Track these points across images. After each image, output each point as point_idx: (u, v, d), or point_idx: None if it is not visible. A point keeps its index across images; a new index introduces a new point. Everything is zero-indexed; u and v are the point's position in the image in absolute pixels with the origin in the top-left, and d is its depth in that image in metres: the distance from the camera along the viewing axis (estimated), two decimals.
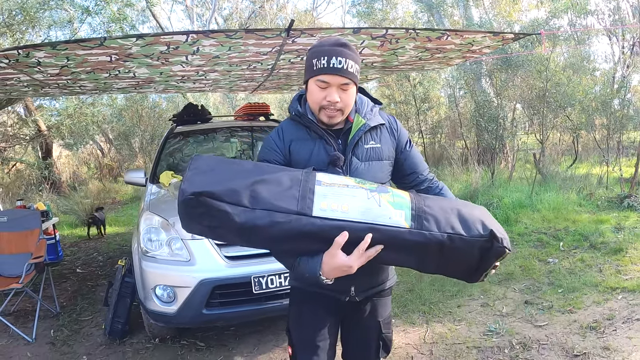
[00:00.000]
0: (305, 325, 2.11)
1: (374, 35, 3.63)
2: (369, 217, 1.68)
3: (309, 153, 1.97)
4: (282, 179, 1.71)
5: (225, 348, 4.05)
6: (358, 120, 2.00)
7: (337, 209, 1.67)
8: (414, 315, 4.37)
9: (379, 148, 2.03)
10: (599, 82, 10.92)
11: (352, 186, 1.73)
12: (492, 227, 1.74)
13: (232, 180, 1.67)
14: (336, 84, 1.88)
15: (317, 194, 1.68)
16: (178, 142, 5.85)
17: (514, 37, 4.11)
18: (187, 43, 3.37)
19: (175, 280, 3.55)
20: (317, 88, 1.90)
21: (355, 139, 1.98)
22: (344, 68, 1.86)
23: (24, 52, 3.14)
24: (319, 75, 1.87)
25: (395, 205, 1.72)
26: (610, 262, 5.20)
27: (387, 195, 1.73)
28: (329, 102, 1.89)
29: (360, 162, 1.98)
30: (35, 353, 4.13)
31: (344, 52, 1.88)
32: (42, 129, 12.24)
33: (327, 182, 1.73)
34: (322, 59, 1.86)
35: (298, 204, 1.66)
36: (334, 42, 1.91)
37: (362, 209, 1.68)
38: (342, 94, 1.90)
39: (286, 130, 2.04)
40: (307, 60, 1.95)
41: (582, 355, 3.46)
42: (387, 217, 1.69)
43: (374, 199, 1.70)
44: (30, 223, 5.00)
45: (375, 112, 2.08)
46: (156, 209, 4.07)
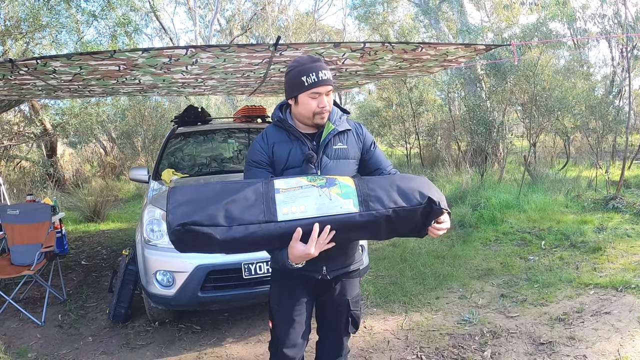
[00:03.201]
0: (284, 301, 2.44)
1: (353, 49, 3.96)
2: (323, 211, 2.02)
3: (288, 152, 2.33)
4: (247, 194, 2.03)
5: (219, 331, 4.37)
6: (329, 125, 2.38)
7: (296, 210, 2.01)
8: (395, 305, 4.64)
9: (345, 149, 2.41)
10: (591, 86, 11.15)
11: (305, 186, 2.06)
12: (429, 194, 2.08)
13: (207, 206, 2.00)
14: (325, 91, 2.26)
15: (278, 202, 2.02)
16: (179, 142, 6.13)
17: (485, 48, 4.40)
18: (186, 56, 3.71)
19: (174, 266, 3.88)
20: (310, 99, 2.26)
21: (326, 141, 2.36)
22: (329, 78, 2.26)
23: (42, 62, 3.47)
24: (312, 88, 2.24)
25: (344, 195, 2.06)
26: (588, 260, 5.42)
27: (335, 187, 2.07)
28: (322, 108, 2.27)
29: (330, 160, 2.36)
30: (44, 334, 4.45)
31: (323, 65, 2.26)
32: (47, 127, 12.51)
33: (284, 187, 2.06)
34: (312, 75, 2.22)
35: (264, 214, 2.00)
36: (311, 59, 2.28)
37: (316, 206, 2.02)
38: (327, 99, 2.29)
39: (270, 134, 2.40)
40: (293, 79, 2.29)
41: (547, 343, 3.67)
42: (338, 207, 2.03)
43: (325, 194, 2.05)
44: (40, 216, 5.31)
45: (344, 120, 2.46)
46: (158, 202, 4.40)
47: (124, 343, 4.21)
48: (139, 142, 15.51)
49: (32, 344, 4.27)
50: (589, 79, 12.45)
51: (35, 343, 4.30)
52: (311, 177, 2.12)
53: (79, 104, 12.43)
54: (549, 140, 13.50)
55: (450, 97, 14.05)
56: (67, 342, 4.29)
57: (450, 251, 6.17)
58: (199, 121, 6.53)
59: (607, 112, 9.79)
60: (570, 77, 11.57)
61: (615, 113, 10.20)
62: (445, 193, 8.99)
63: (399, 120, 14.25)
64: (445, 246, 6.44)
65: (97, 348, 4.15)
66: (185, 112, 6.52)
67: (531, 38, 9.63)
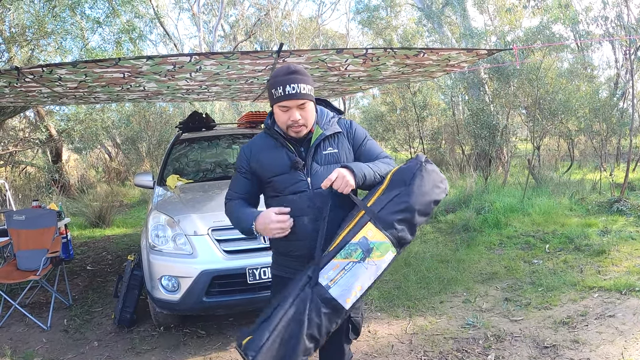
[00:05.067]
0: None
1: (355, 55, 3.99)
2: (375, 276, 2.18)
3: (274, 159, 2.38)
4: (312, 317, 2.13)
5: (224, 336, 4.39)
6: (317, 130, 2.40)
7: (356, 294, 2.15)
8: (399, 310, 4.65)
9: (336, 153, 2.41)
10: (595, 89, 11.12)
11: (349, 267, 2.14)
12: (440, 198, 2.28)
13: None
14: (294, 105, 2.26)
15: (338, 297, 2.14)
16: (184, 148, 6.18)
17: (487, 53, 4.42)
18: (190, 63, 3.75)
19: (179, 271, 3.91)
20: (280, 112, 2.30)
21: (314, 146, 2.37)
22: (298, 92, 2.24)
23: (47, 69, 3.51)
24: (279, 102, 2.26)
25: (383, 252, 2.16)
26: (592, 263, 5.39)
27: (373, 253, 2.15)
28: (293, 122, 2.28)
29: (320, 166, 2.37)
30: (50, 339, 4.48)
31: (295, 78, 2.25)
32: (52, 133, 12.57)
33: (332, 276, 2.15)
34: (279, 89, 2.24)
35: (336, 318, 2.18)
36: (286, 71, 2.28)
37: (369, 279, 2.17)
38: (301, 112, 2.29)
39: (256, 142, 2.48)
40: (268, 90, 2.34)
41: (551, 347, 3.66)
42: (384, 265, 2.19)
43: (370, 265, 2.15)
44: (46, 221, 5.34)
45: (333, 122, 2.46)
46: (163, 208, 4.44)
47: (129, 348, 4.23)
48: (144, 148, 15.56)
49: (38, 349, 4.30)
50: (592, 82, 12.43)
51: (41, 347, 4.32)
52: (346, 253, 2.16)
53: (84, 110, 12.50)
54: (553, 143, 13.46)
55: (454, 101, 14.07)
56: (73, 347, 4.31)
57: (455, 255, 6.16)
58: (204, 127, 6.57)
59: (611, 115, 9.79)
60: (573, 79, 11.57)
61: (619, 115, 10.18)
62: (449, 197, 9.04)
63: (403, 125, 14.26)
64: (450, 250, 6.44)
65: (103, 353, 4.18)
66: (190, 118, 6.57)
67: (534, 41, 9.62)
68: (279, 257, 2.51)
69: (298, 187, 2.35)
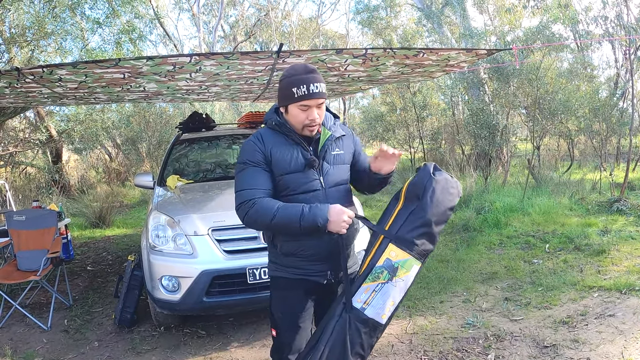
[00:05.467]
0: (290, 309, 2.46)
1: (355, 55, 4.00)
2: (405, 290, 2.27)
3: (290, 156, 2.33)
4: (352, 336, 2.26)
5: (224, 336, 4.39)
6: (325, 132, 2.40)
7: (390, 309, 2.26)
8: (399, 309, 4.63)
9: (342, 154, 2.46)
10: (595, 88, 11.12)
11: (378, 288, 2.23)
12: (455, 204, 2.33)
13: None
14: (315, 104, 2.26)
15: (374, 315, 2.24)
16: (184, 149, 6.19)
17: (487, 53, 4.43)
18: (190, 63, 3.75)
19: (179, 271, 3.91)
20: (299, 111, 2.27)
21: (325, 147, 2.38)
22: (320, 91, 2.24)
23: (48, 70, 3.51)
24: (301, 101, 2.23)
25: (407, 268, 2.23)
26: (592, 262, 5.39)
27: (399, 271, 2.23)
28: (312, 121, 2.28)
29: (330, 166, 2.39)
30: (50, 339, 4.49)
31: (316, 77, 2.25)
32: (53, 134, 12.58)
33: (364, 300, 2.25)
34: (302, 87, 2.21)
35: (375, 333, 2.31)
36: (305, 69, 2.26)
37: (399, 295, 2.25)
38: (319, 111, 2.29)
39: (265, 136, 2.38)
40: (284, 89, 2.28)
41: (551, 346, 3.66)
42: (411, 279, 2.27)
43: (398, 282, 2.23)
44: (47, 222, 5.34)
45: (337, 125, 2.49)
46: (163, 208, 4.44)
47: (129, 348, 4.24)
48: (144, 148, 15.55)
49: (38, 349, 4.30)
50: (592, 82, 12.43)
51: (42, 348, 4.33)
52: (374, 276, 2.24)
53: (84, 110, 12.51)
54: (553, 143, 13.46)
55: (454, 101, 14.07)
56: (73, 347, 4.32)
57: (455, 255, 6.17)
58: (204, 127, 6.57)
59: (611, 114, 9.79)
60: (573, 79, 11.57)
61: (619, 115, 10.18)
62: None
63: (403, 125, 14.25)
64: (450, 250, 6.45)
65: (103, 353, 4.18)
66: (190, 119, 6.58)
67: (534, 41, 9.63)
68: (284, 258, 2.42)
69: (311, 186, 2.35)
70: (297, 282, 2.40)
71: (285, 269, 2.43)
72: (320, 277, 2.40)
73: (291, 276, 2.42)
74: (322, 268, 2.39)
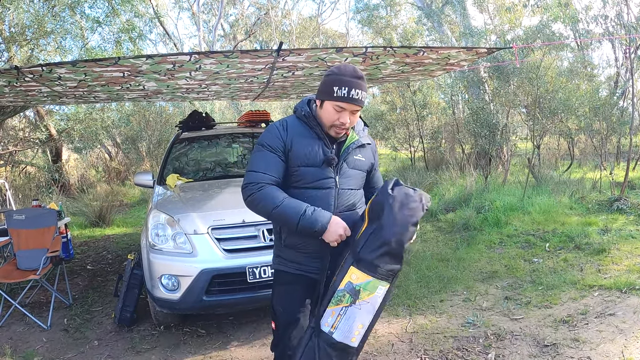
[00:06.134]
0: (290, 304, 2.48)
1: (355, 53, 3.99)
2: (374, 312, 2.25)
3: (310, 149, 2.34)
4: None
5: (224, 335, 4.39)
6: (352, 135, 2.42)
7: (360, 331, 2.25)
8: (399, 308, 4.65)
9: (363, 161, 2.48)
10: (595, 87, 11.12)
11: (342, 311, 2.23)
12: (417, 219, 2.28)
13: None
14: (350, 109, 2.27)
15: (343, 339, 2.23)
16: (184, 147, 6.18)
17: (487, 51, 4.42)
18: (190, 62, 3.74)
19: (179, 270, 3.91)
20: (333, 110, 2.28)
21: (349, 150, 2.40)
22: (360, 99, 2.26)
23: (47, 68, 3.50)
24: (338, 102, 2.24)
25: (372, 289, 2.23)
26: (592, 261, 5.38)
27: (362, 293, 2.22)
28: (342, 124, 2.29)
29: (349, 169, 2.41)
30: (50, 338, 4.48)
31: (361, 84, 2.26)
32: (52, 133, 12.58)
33: (331, 324, 2.24)
34: (343, 89, 2.22)
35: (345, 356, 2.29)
36: (353, 73, 2.26)
37: (367, 317, 2.24)
38: (351, 117, 2.30)
39: (291, 125, 2.40)
40: (326, 84, 2.29)
41: (551, 345, 3.66)
42: (378, 300, 2.25)
43: (362, 305, 2.23)
44: (46, 221, 5.34)
45: (366, 132, 2.52)
46: (163, 207, 4.44)
47: (129, 347, 4.24)
48: (144, 147, 15.55)
49: (38, 348, 4.30)
50: (592, 81, 12.42)
51: (41, 347, 4.32)
52: (336, 300, 2.25)
53: (83, 109, 12.51)
54: (553, 142, 13.46)
55: (454, 100, 14.04)
56: (73, 346, 4.31)
57: (455, 254, 6.16)
58: (203, 126, 6.57)
59: (611, 114, 9.78)
60: (573, 78, 11.55)
61: (619, 114, 10.17)
62: (449, 196, 9.06)
63: (403, 124, 14.25)
64: (450, 249, 6.44)
65: (103, 352, 4.18)
66: (190, 117, 6.56)
67: (534, 40, 9.62)
68: (286, 251, 2.47)
69: (325, 183, 2.36)
70: (297, 278, 2.43)
71: (287, 264, 2.47)
72: (319, 275, 2.41)
73: (292, 271, 2.44)
74: (322, 266, 2.39)
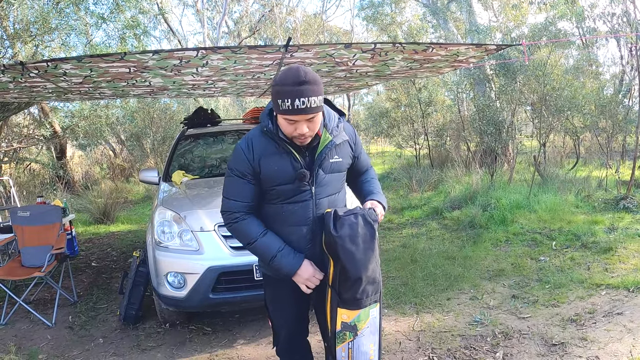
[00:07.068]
0: (280, 304, 2.53)
1: (364, 49, 3.95)
2: (377, 328, 2.38)
3: (279, 167, 2.22)
4: None
5: (230, 333, 4.37)
6: (325, 136, 2.25)
7: (375, 351, 2.37)
8: (406, 307, 4.63)
9: (341, 162, 2.35)
10: (601, 85, 11.06)
11: (350, 345, 2.32)
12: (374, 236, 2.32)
13: None
14: (303, 119, 2.08)
15: None
16: (189, 144, 6.16)
17: (496, 48, 4.38)
18: (197, 57, 3.71)
19: (185, 268, 3.89)
20: (286, 123, 2.11)
21: (323, 155, 2.26)
22: (307, 107, 2.02)
23: (52, 64, 3.48)
24: (285, 115, 2.07)
25: (366, 316, 2.33)
26: (599, 260, 5.36)
27: (361, 323, 2.32)
28: (299, 135, 2.12)
29: (325, 175, 2.30)
30: (54, 336, 4.47)
31: (305, 90, 2.01)
32: (57, 130, 12.59)
33: (346, 357, 2.34)
34: (287, 101, 2.01)
35: None
36: (295, 79, 2.02)
37: (374, 334, 2.35)
38: (309, 124, 2.12)
39: (256, 143, 2.24)
40: (272, 96, 2.11)
41: (559, 344, 3.64)
42: (376, 319, 2.37)
43: (365, 331, 2.32)
44: (51, 217, 5.33)
45: (341, 128, 2.33)
46: (169, 204, 4.41)
47: (134, 345, 4.23)
48: (148, 144, 15.57)
49: (42, 346, 4.29)
50: (598, 78, 12.37)
51: (46, 344, 4.32)
52: (340, 340, 2.32)
53: (88, 106, 12.53)
54: (559, 140, 13.42)
55: (460, 97, 14.01)
56: (78, 344, 4.30)
57: (461, 252, 6.14)
58: (209, 123, 6.55)
59: (617, 112, 9.73)
60: (579, 76, 11.51)
61: (625, 112, 10.12)
62: (454, 194, 9.05)
63: (407, 121, 14.22)
64: (456, 247, 6.42)
65: (108, 350, 4.17)
66: (195, 114, 6.56)
67: (540, 37, 9.57)
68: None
69: (302, 197, 2.28)
70: (282, 281, 2.39)
71: None
72: None
73: (275, 276, 2.44)
74: None
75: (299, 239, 2.32)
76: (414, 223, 8.20)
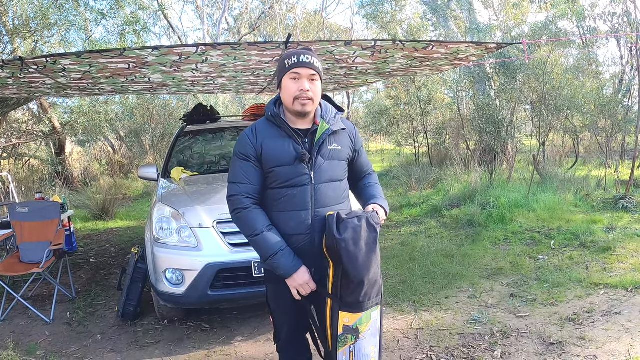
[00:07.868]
0: (281, 301, 2.52)
1: (364, 47, 3.95)
2: (378, 330, 2.40)
3: (280, 148, 2.34)
4: None
5: (228, 329, 4.37)
6: (323, 125, 2.38)
7: (376, 352, 2.38)
8: (404, 304, 4.63)
9: (340, 150, 2.44)
10: (601, 85, 11.05)
11: (352, 347, 2.32)
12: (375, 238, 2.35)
13: None
14: (306, 75, 2.28)
15: None
16: (188, 141, 6.16)
17: (496, 47, 4.38)
18: (197, 54, 3.71)
19: (183, 264, 3.88)
20: (291, 82, 2.29)
21: (321, 141, 2.37)
22: (311, 62, 2.29)
23: (51, 60, 3.47)
24: (291, 69, 2.28)
25: (368, 319, 2.33)
26: (598, 260, 5.37)
27: (362, 326, 2.32)
28: (302, 91, 2.28)
29: (324, 161, 2.38)
30: (53, 332, 4.47)
31: (309, 52, 2.32)
32: (56, 126, 12.57)
33: None
34: (293, 58, 2.29)
35: None
36: (300, 49, 2.42)
37: (375, 336, 2.37)
38: (311, 85, 2.30)
39: (260, 129, 2.40)
40: (280, 64, 2.37)
41: (557, 343, 3.64)
42: (377, 320, 2.38)
43: (366, 333, 2.33)
44: (50, 213, 5.33)
45: (338, 119, 2.47)
46: (167, 200, 4.41)
47: (132, 341, 4.22)
48: (147, 141, 15.55)
49: (40, 342, 4.29)
50: (598, 78, 12.35)
51: (44, 341, 4.31)
52: (342, 343, 2.32)
53: (87, 102, 12.51)
54: (558, 139, 13.40)
55: (459, 95, 14.00)
56: (76, 340, 4.30)
57: (460, 250, 6.14)
58: (208, 119, 6.54)
59: (617, 111, 9.72)
60: (579, 75, 11.49)
61: (625, 112, 10.12)
62: (454, 192, 9.05)
63: (407, 119, 14.22)
64: (455, 245, 6.42)
65: (106, 346, 4.16)
66: (194, 111, 6.56)
67: (540, 36, 9.56)
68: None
69: (300, 181, 2.34)
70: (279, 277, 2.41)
71: None
72: None
73: None
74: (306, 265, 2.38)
75: (298, 225, 2.36)
76: (412, 221, 8.20)
